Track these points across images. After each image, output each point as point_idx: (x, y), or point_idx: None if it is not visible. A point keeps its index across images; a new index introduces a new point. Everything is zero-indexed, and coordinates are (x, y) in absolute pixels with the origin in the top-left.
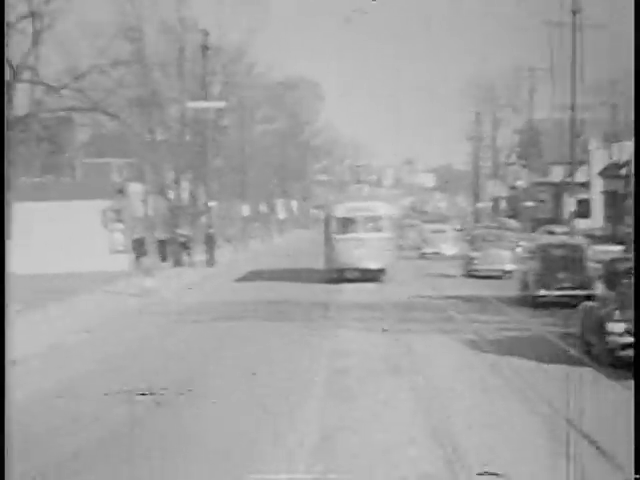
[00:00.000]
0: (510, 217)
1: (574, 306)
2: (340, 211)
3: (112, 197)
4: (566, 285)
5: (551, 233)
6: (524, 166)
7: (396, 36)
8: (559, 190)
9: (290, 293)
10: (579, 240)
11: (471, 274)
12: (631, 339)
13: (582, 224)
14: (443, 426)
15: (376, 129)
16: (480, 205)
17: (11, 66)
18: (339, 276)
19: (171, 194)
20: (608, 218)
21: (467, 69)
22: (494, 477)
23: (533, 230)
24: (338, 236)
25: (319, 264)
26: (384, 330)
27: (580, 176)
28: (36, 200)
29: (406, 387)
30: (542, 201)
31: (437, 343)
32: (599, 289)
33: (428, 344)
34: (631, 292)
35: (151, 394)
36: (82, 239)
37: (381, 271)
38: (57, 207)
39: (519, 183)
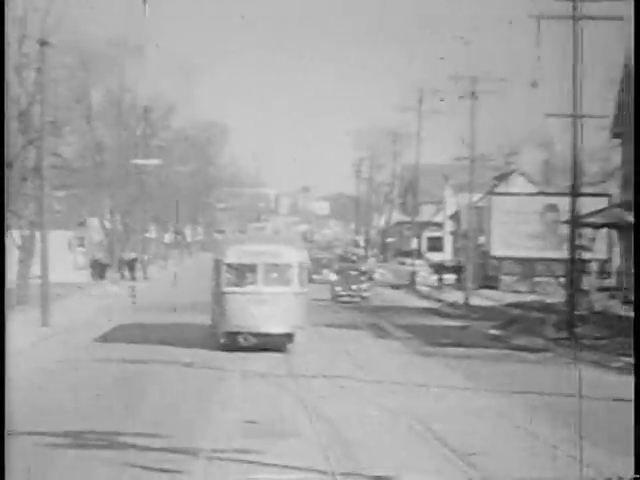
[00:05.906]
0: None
1: None
2: (234, 255)
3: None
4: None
5: (402, 264)
6: (401, 204)
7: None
8: (419, 228)
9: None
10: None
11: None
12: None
13: (436, 256)
14: None
15: (274, 162)
16: (357, 238)
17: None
18: (230, 342)
19: (107, 224)
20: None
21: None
22: None
23: (387, 260)
24: (230, 289)
25: None
26: None
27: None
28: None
29: None
30: (406, 237)
31: None
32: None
33: None
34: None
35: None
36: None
37: (287, 337)
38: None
39: (389, 220)
